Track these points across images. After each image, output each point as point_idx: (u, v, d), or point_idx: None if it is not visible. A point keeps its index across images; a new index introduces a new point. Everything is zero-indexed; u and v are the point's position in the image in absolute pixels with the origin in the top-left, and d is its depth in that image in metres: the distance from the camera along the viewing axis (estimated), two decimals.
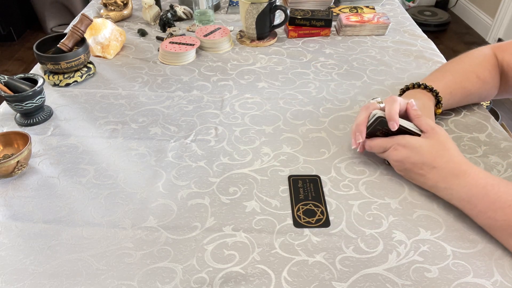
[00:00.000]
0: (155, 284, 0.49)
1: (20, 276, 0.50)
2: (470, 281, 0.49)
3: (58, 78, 0.85)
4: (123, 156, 0.68)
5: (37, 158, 0.68)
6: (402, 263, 0.51)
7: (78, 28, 0.85)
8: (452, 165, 0.55)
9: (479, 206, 0.52)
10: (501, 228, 0.51)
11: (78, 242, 0.54)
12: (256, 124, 0.75)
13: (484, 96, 0.74)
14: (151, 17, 1.11)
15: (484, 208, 0.52)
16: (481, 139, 0.70)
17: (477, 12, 2.87)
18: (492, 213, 0.51)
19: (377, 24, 1.04)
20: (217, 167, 0.66)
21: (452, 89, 0.70)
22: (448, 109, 0.76)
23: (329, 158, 0.67)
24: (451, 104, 0.72)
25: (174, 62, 0.94)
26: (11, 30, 2.72)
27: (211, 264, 0.51)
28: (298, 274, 0.50)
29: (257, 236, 0.55)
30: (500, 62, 0.72)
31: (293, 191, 0.61)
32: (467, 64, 0.72)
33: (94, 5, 1.23)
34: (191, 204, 0.60)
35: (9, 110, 0.79)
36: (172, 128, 0.74)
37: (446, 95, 0.69)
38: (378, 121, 0.60)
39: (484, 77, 0.71)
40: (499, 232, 0.51)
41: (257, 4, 0.95)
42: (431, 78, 0.72)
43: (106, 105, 0.81)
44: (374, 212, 0.58)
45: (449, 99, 0.70)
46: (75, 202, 0.60)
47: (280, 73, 0.91)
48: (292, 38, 1.05)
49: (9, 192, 0.62)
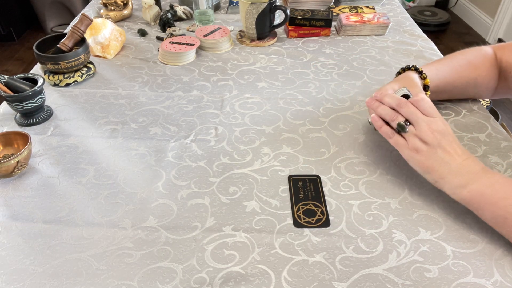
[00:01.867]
0: (155, 284, 0.49)
1: (20, 276, 0.50)
2: (470, 281, 0.49)
3: (58, 78, 0.85)
4: (123, 156, 0.68)
5: (37, 158, 0.68)
6: (402, 263, 0.51)
7: (78, 28, 0.85)
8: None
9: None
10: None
11: (78, 242, 0.54)
12: (256, 124, 0.75)
13: (480, 84, 0.74)
14: (151, 17, 1.11)
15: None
16: (481, 139, 0.70)
17: (477, 12, 2.87)
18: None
19: (377, 24, 1.04)
20: (217, 167, 0.66)
21: (439, 67, 0.72)
22: (447, 99, 0.78)
23: (329, 158, 0.67)
24: (445, 84, 0.73)
25: (174, 62, 0.94)
26: (11, 30, 2.72)
27: (211, 264, 0.51)
28: (298, 274, 0.50)
29: (257, 236, 0.55)
30: (499, 59, 0.73)
31: (293, 191, 0.61)
32: (458, 53, 0.75)
33: (94, 5, 1.23)
34: (191, 204, 0.60)
35: (9, 110, 0.79)
36: (172, 128, 0.74)
37: (432, 70, 0.71)
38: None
39: (476, 63, 0.72)
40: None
41: (257, 4, 0.95)
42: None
43: (106, 105, 0.81)
44: (374, 212, 0.58)
45: (438, 75, 0.71)
46: (75, 202, 0.60)
47: (280, 73, 0.91)
48: (292, 38, 1.05)
49: (9, 192, 0.62)
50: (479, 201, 0.52)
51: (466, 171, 0.54)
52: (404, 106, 0.58)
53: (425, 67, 0.72)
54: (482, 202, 0.52)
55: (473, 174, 0.53)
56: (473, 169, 0.54)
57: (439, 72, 0.72)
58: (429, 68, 0.72)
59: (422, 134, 0.56)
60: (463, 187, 0.53)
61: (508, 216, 0.50)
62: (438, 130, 0.55)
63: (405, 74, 0.70)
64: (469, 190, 0.53)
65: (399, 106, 0.58)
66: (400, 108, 0.58)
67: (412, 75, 0.69)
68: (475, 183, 0.53)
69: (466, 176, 0.53)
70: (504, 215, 0.50)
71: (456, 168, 0.54)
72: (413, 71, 0.71)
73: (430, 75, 0.70)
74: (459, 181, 0.54)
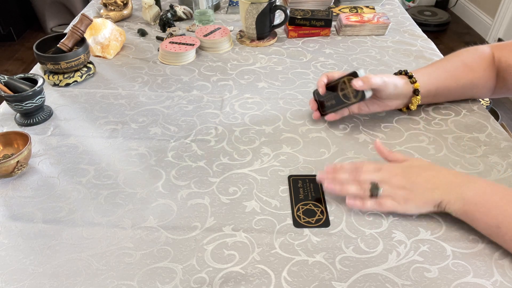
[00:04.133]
0: (155, 284, 0.49)
1: (20, 276, 0.50)
2: (470, 281, 0.49)
3: (58, 78, 0.85)
4: (123, 156, 0.68)
5: (37, 158, 0.68)
6: (402, 263, 0.51)
7: (78, 28, 0.85)
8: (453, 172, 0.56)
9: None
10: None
11: (78, 242, 0.54)
12: (256, 124, 0.75)
13: (477, 85, 0.74)
14: (151, 17, 1.11)
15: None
16: (481, 139, 0.70)
17: (477, 12, 2.87)
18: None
19: (377, 24, 1.04)
20: (217, 167, 0.66)
21: (431, 71, 0.72)
22: (445, 101, 0.78)
23: (329, 158, 0.67)
24: (438, 88, 0.73)
25: (174, 62, 0.94)
26: (11, 30, 2.72)
27: (211, 264, 0.51)
28: (298, 274, 0.50)
29: (257, 236, 0.55)
30: (497, 60, 0.73)
31: (293, 191, 0.61)
32: (454, 55, 0.75)
33: (94, 5, 1.23)
34: (191, 204, 0.60)
35: (9, 110, 0.79)
36: (172, 128, 0.74)
37: (425, 75, 0.71)
38: (315, 94, 0.74)
39: (472, 65, 0.72)
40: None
41: (257, 4, 0.95)
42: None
43: (106, 105, 0.81)
44: (374, 212, 0.58)
45: (430, 79, 0.71)
46: (75, 202, 0.60)
47: (280, 73, 0.91)
48: (292, 38, 1.05)
49: (9, 192, 0.62)
50: (473, 211, 0.52)
51: (453, 186, 0.53)
52: (360, 173, 0.57)
53: (418, 72, 0.72)
54: (475, 212, 0.52)
55: (460, 186, 0.53)
56: (459, 181, 0.54)
57: (431, 77, 0.72)
58: (421, 73, 0.72)
59: (392, 185, 0.55)
60: (460, 200, 0.52)
61: (500, 226, 0.50)
62: (399, 172, 0.56)
63: (394, 81, 0.70)
64: (464, 203, 0.52)
65: (356, 175, 0.57)
66: (358, 177, 0.57)
67: (394, 76, 0.70)
68: (467, 194, 0.52)
69: (457, 190, 0.53)
70: (496, 224, 0.50)
71: (445, 187, 0.54)
72: (403, 76, 0.71)
73: (421, 80, 0.70)
74: (454, 197, 0.53)
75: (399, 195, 0.55)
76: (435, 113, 0.76)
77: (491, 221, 0.50)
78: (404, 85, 0.70)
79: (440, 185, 0.54)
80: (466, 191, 0.52)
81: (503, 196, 0.51)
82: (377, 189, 0.54)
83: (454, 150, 0.68)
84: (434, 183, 0.54)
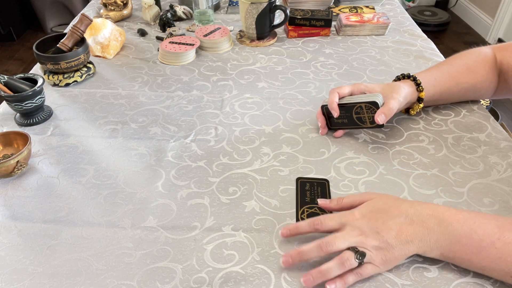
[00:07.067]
0: (155, 284, 0.49)
1: (20, 276, 0.50)
2: (470, 281, 0.49)
3: (58, 78, 0.85)
4: (123, 156, 0.68)
5: (37, 158, 0.68)
6: (402, 263, 0.51)
7: (78, 28, 0.85)
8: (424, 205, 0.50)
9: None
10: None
11: (78, 242, 0.54)
12: (256, 124, 0.75)
13: (479, 88, 0.74)
14: (151, 17, 1.11)
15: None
16: (481, 139, 0.70)
17: (477, 12, 2.87)
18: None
19: (377, 24, 1.04)
20: (217, 167, 0.66)
21: (437, 76, 0.71)
22: (445, 103, 0.77)
23: (329, 158, 0.67)
24: (441, 93, 0.72)
25: (174, 62, 0.94)
26: (11, 30, 2.72)
27: (211, 264, 0.51)
28: (298, 274, 0.50)
29: (256, 236, 0.55)
30: (499, 61, 0.72)
31: (300, 193, 0.61)
32: (457, 57, 0.74)
33: (94, 5, 1.23)
34: (190, 204, 0.60)
35: (9, 110, 0.79)
36: (172, 128, 0.74)
37: (430, 81, 0.71)
38: (324, 109, 0.71)
39: (475, 68, 0.72)
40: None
41: (257, 4, 0.95)
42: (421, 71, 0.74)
43: (106, 105, 0.81)
44: None
45: (435, 86, 0.71)
46: (74, 202, 0.60)
47: (280, 73, 0.91)
48: (292, 38, 1.05)
49: (9, 192, 0.62)
50: (453, 257, 0.48)
51: (425, 235, 0.48)
52: (328, 244, 0.49)
53: (423, 76, 0.70)
54: (455, 259, 0.48)
55: (434, 233, 0.48)
56: (431, 225, 0.48)
57: (437, 82, 0.71)
58: (427, 78, 0.70)
59: (368, 246, 0.48)
60: (437, 249, 0.48)
61: (485, 268, 0.47)
62: (365, 229, 0.49)
63: (397, 83, 0.69)
64: (442, 251, 0.48)
65: (323, 247, 0.49)
66: (327, 249, 0.48)
67: (403, 87, 0.68)
68: (441, 243, 0.48)
69: (430, 239, 0.48)
70: (481, 267, 0.47)
71: (417, 240, 0.48)
72: (411, 82, 0.70)
73: (427, 86, 0.70)
74: (429, 248, 0.48)
75: (377, 259, 0.48)
76: (435, 113, 0.76)
77: (475, 264, 0.48)
78: (412, 94, 0.69)
79: (413, 238, 0.48)
80: (441, 240, 0.48)
81: (480, 240, 0.46)
82: (363, 256, 0.47)
83: (454, 150, 0.68)
84: (406, 235, 0.48)
